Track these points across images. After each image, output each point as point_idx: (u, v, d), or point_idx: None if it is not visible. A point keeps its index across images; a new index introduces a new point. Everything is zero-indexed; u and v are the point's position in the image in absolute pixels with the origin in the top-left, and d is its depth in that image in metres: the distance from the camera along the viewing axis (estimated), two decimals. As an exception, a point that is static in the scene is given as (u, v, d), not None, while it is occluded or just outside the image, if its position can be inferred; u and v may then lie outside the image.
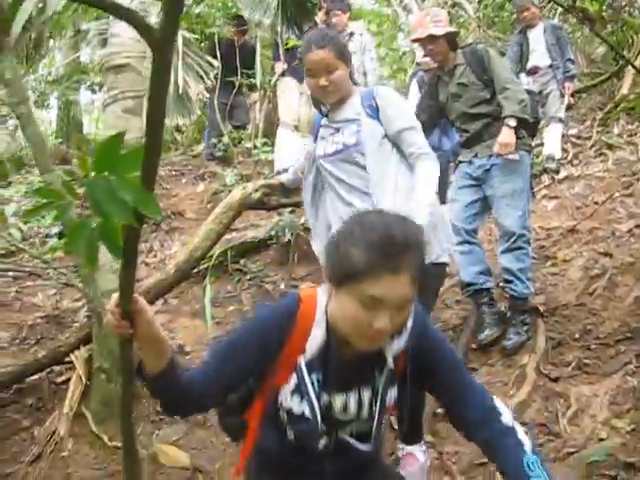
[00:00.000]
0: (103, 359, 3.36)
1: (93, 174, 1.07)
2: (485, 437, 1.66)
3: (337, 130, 2.93)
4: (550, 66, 6.76)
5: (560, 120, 6.90)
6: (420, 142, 2.83)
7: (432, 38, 3.98)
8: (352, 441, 1.69)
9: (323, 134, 3.02)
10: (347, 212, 2.82)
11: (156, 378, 1.52)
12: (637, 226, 4.94)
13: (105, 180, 1.06)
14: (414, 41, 4.27)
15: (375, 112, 2.85)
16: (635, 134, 7.31)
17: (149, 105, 1.05)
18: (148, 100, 1.05)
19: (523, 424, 3.15)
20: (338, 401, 1.64)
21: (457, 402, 1.70)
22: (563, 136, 7.20)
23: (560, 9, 9.47)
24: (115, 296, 1.41)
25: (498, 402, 1.70)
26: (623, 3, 9.91)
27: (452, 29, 4.18)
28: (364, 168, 2.82)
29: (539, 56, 6.81)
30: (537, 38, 6.83)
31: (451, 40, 4.08)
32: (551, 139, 6.86)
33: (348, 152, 2.85)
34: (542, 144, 7.02)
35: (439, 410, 3.44)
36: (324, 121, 3.02)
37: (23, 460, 3.22)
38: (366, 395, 1.65)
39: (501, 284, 4.21)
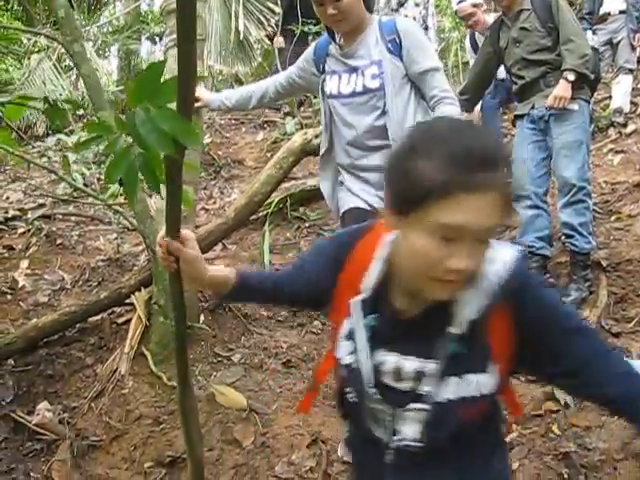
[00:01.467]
0: (160, 296, 3.41)
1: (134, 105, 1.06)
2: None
3: (354, 70, 2.69)
4: (623, 12, 6.45)
5: (630, 71, 6.63)
6: (444, 85, 2.64)
7: None
8: (414, 434, 1.30)
9: (335, 68, 2.75)
10: (350, 177, 2.80)
11: (230, 295, 1.50)
12: None
13: (144, 109, 1.05)
14: None
15: (398, 49, 2.62)
16: None
17: (178, 23, 1.01)
18: (177, 18, 1.00)
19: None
20: (389, 362, 1.30)
21: (587, 379, 1.27)
22: (633, 89, 6.93)
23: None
24: (162, 229, 1.41)
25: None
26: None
27: None
28: (382, 115, 2.64)
29: (613, 0, 6.52)
30: None
31: None
32: (619, 91, 6.60)
33: (369, 96, 2.65)
34: (610, 97, 6.78)
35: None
36: (334, 50, 2.74)
37: (86, 396, 3.32)
38: (430, 368, 1.26)
39: (562, 239, 4.11)
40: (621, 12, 6.46)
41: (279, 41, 6.88)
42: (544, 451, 2.77)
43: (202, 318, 3.66)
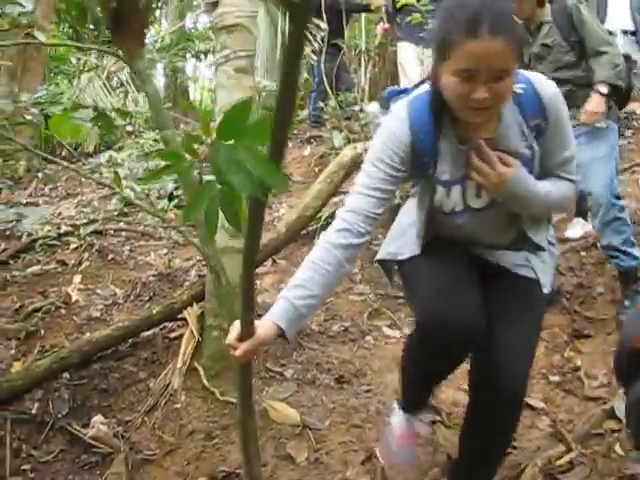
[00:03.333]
0: (220, 317, 3.40)
1: (215, 139, 1.04)
2: None
3: None
4: (633, 33, 6.10)
5: None
6: (573, 170, 2.03)
7: None
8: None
9: (454, 160, 1.94)
10: None
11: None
12: None
13: (230, 148, 1.03)
14: None
15: (541, 133, 1.91)
16: None
17: (282, 75, 1.00)
18: (282, 68, 0.99)
19: None
20: None
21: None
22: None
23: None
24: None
25: None
26: None
27: None
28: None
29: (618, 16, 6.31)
30: None
31: None
32: None
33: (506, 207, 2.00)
34: None
35: (553, 378, 3.36)
36: (449, 133, 1.91)
37: (139, 410, 3.32)
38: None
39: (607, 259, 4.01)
40: (625, 32, 5.53)
41: (380, 27, 7.00)
42: (607, 472, 2.68)
43: (254, 333, 3.65)
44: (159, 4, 14.62)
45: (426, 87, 1.93)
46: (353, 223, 1.89)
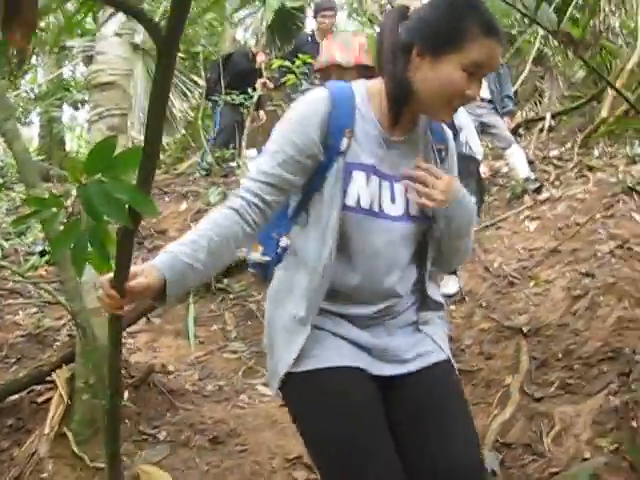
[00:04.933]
0: (88, 375, 3.32)
1: (85, 178, 1.07)
2: None
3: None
4: (490, 101, 6.75)
5: (514, 142, 7.01)
6: None
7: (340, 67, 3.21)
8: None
9: (372, 145, 1.79)
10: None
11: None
12: (618, 247, 4.97)
13: (99, 182, 1.06)
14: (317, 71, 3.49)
15: (443, 159, 1.92)
16: (615, 156, 7.40)
17: (150, 105, 1.06)
18: (150, 100, 1.06)
19: (507, 445, 3.20)
20: None
21: None
22: (544, 158, 7.28)
23: (540, 33, 9.61)
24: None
25: None
26: (602, 28, 10.07)
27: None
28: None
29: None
30: None
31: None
32: (519, 162, 6.92)
33: (423, 224, 1.85)
34: (510, 168, 7.16)
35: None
36: (381, 137, 1.79)
37: (2, 482, 3.17)
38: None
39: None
40: (489, 101, 6.70)
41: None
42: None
43: (126, 395, 3.57)
44: (35, 50, 14.30)
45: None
46: (243, 206, 1.70)
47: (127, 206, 1.10)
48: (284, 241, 1.93)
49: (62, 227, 1.18)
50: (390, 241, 1.79)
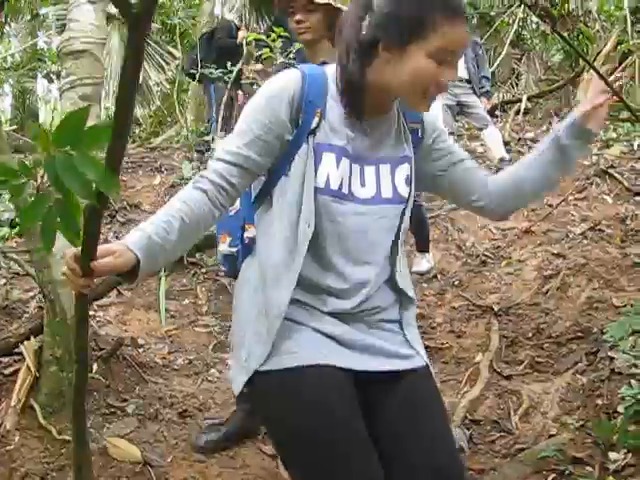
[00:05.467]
0: (56, 347, 3.29)
1: (53, 149, 1.03)
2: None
3: (382, 161, 1.77)
4: (467, 80, 6.83)
5: (491, 122, 7.07)
6: None
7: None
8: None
9: (342, 127, 1.73)
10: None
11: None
12: (590, 229, 5.03)
13: (66, 155, 1.03)
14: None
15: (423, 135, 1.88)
16: (589, 139, 7.46)
17: (120, 82, 1.02)
18: (120, 77, 1.02)
19: (476, 421, 3.23)
20: None
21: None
22: (520, 139, 7.32)
23: (519, 16, 9.62)
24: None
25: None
26: (580, 13, 10.12)
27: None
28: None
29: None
30: None
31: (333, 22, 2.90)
32: (495, 143, 6.98)
33: (395, 207, 1.79)
34: (486, 149, 7.20)
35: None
36: (346, 121, 1.73)
37: (-34, 454, 3.13)
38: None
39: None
40: (467, 80, 6.87)
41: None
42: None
43: (95, 367, 3.54)
44: (8, 19, 14.04)
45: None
46: (211, 189, 1.63)
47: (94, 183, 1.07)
48: (253, 231, 1.84)
49: (32, 198, 1.14)
50: (361, 224, 1.72)
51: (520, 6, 9.18)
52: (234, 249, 1.90)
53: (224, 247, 1.93)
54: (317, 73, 1.74)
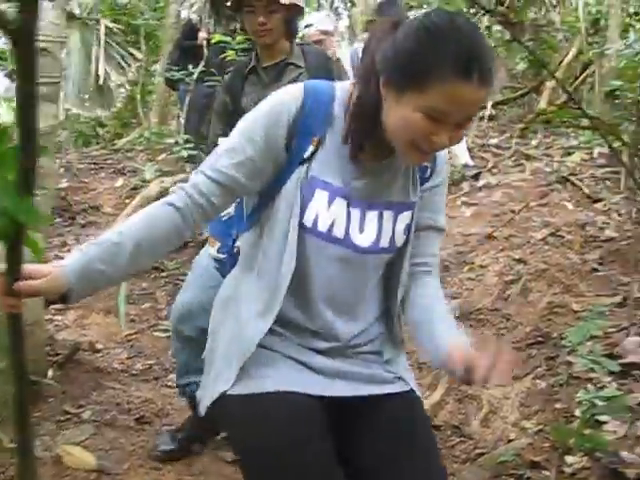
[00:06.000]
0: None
1: None
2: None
3: (386, 206, 1.61)
4: None
5: None
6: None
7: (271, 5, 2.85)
8: None
9: (340, 163, 1.58)
10: None
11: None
12: (551, 234, 5.07)
13: None
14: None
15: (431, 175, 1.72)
16: (551, 147, 7.59)
17: (17, 106, 0.92)
18: (16, 92, 0.92)
19: (436, 427, 3.23)
20: None
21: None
22: (483, 145, 7.37)
23: (485, 24, 9.71)
24: None
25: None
26: (543, 22, 10.27)
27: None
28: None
29: None
30: None
31: (292, 20, 3.00)
32: (458, 149, 7.00)
33: (390, 257, 1.67)
34: (451, 155, 7.24)
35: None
36: (348, 158, 1.58)
37: None
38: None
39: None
40: None
41: None
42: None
43: (50, 373, 3.47)
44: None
45: None
46: (187, 205, 1.50)
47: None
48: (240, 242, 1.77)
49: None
50: (349, 272, 1.60)
51: (485, 15, 9.27)
52: (222, 256, 1.85)
53: (213, 251, 1.89)
54: (323, 92, 1.57)
